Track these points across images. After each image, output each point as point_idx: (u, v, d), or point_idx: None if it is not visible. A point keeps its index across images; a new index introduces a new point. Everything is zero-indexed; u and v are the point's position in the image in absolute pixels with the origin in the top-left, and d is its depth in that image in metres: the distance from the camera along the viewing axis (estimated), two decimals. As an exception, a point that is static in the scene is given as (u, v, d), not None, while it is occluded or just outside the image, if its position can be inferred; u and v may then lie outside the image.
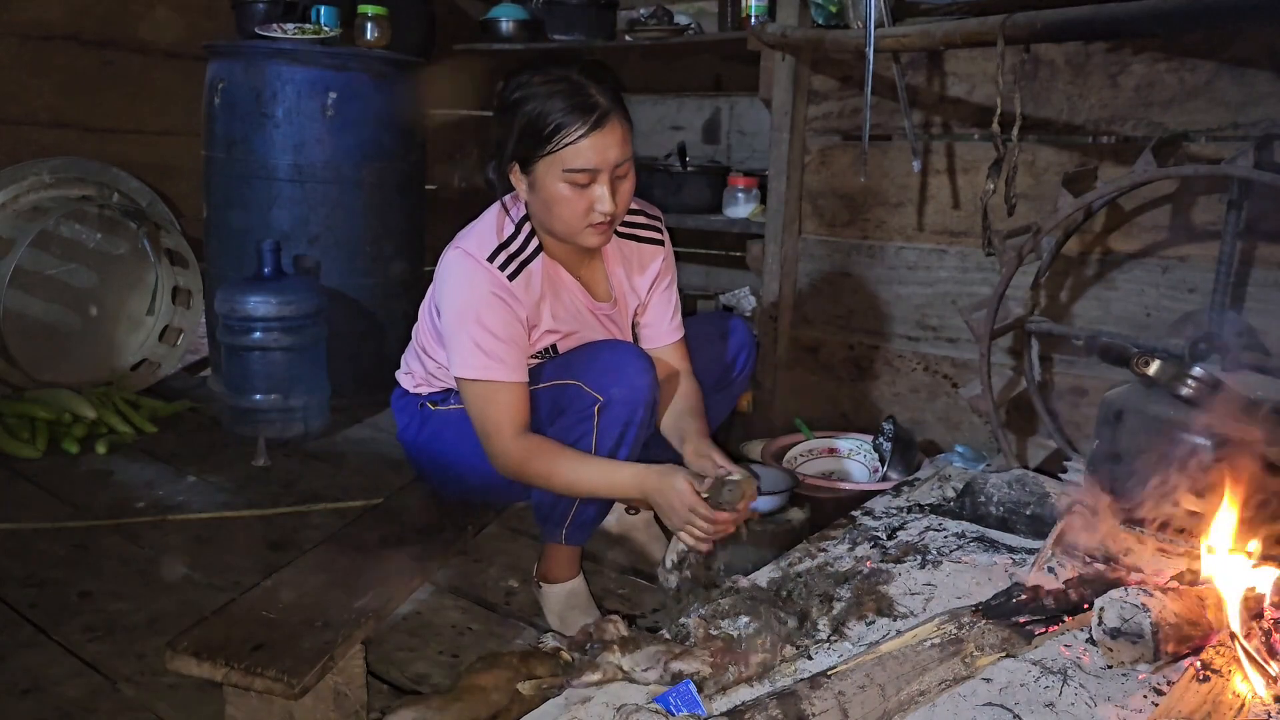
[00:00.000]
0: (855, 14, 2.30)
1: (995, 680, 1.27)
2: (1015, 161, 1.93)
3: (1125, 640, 1.27)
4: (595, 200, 1.53)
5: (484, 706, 1.37)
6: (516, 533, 2.19)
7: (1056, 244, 2.15)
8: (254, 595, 1.45)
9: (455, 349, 1.58)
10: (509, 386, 1.57)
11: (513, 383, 1.57)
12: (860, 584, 1.53)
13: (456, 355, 1.58)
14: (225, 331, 2.65)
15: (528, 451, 1.57)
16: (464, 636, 1.77)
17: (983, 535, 1.76)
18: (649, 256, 1.79)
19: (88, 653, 1.66)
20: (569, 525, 1.70)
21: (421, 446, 1.82)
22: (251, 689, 1.26)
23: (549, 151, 1.50)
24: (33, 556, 2.00)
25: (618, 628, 1.35)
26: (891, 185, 2.53)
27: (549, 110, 1.49)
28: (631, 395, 1.57)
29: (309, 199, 2.86)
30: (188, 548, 2.08)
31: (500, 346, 1.56)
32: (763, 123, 2.93)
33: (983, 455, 2.29)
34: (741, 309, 3.14)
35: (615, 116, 1.51)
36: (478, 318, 1.56)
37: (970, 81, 2.36)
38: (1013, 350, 2.32)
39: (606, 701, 1.23)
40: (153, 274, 3.15)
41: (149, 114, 3.26)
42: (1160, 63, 2.10)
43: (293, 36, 2.79)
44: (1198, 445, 1.41)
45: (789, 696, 1.15)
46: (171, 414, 2.92)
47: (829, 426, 2.64)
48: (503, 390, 1.57)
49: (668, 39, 3.05)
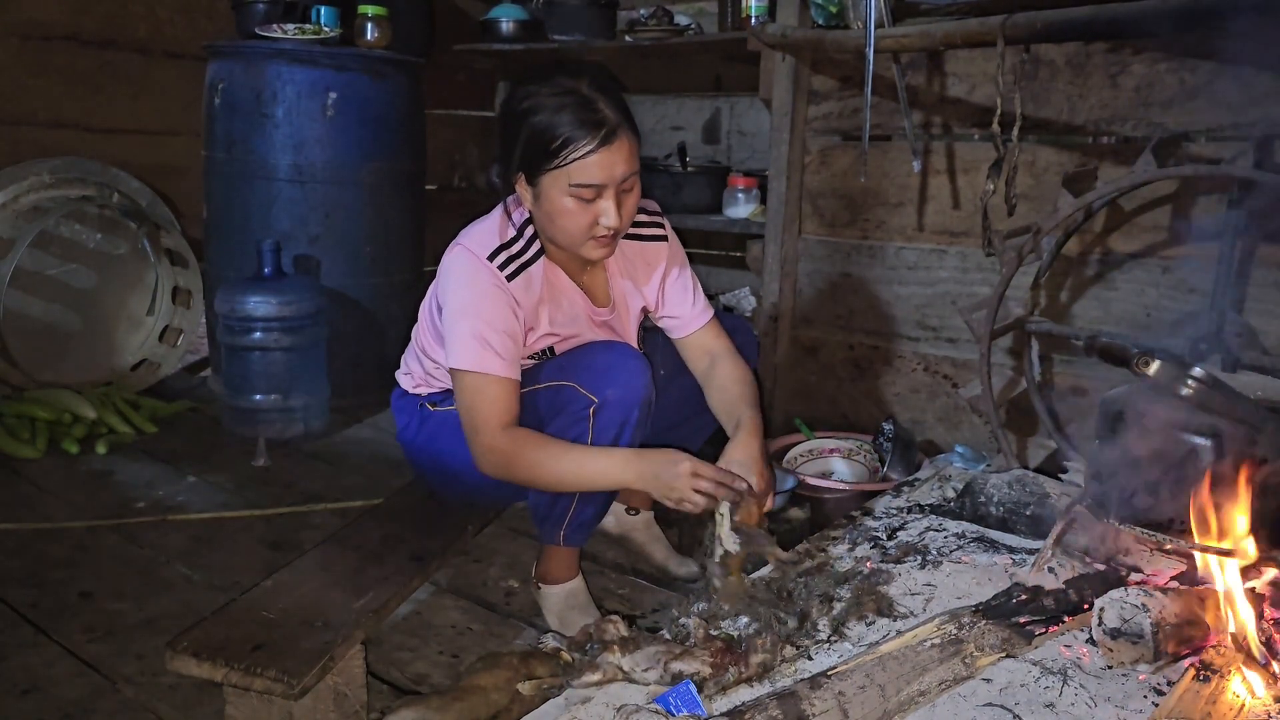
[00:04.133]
0: (855, 14, 2.30)
1: (995, 680, 1.27)
2: (1015, 161, 1.93)
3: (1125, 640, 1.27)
4: (600, 214, 1.53)
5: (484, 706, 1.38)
6: (516, 533, 2.19)
7: (1056, 244, 2.14)
8: (254, 595, 1.45)
9: (452, 340, 1.59)
10: (500, 381, 1.57)
11: (504, 378, 1.57)
12: (860, 584, 1.53)
13: (453, 346, 1.58)
14: (225, 331, 2.65)
15: (512, 444, 1.55)
16: (464, 636, 1.77)
17: (983, 535, 1.76)
18: (653, 254, 1.79)
19: (88, 653, 1.66)
20: (567, 526, 1.70)
21: (421, 447, 1.82)
22: (251, 689, 1.26)
23: (556, 165, 1.50)
24: (33, 556, 2.00)
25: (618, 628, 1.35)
26: (891, 185, 2.53)
27: (557, 124, 1.48)
28: (626, 396, 1.57)
29: (309, 199, 2.86)
30: (188, 548, 2.08)
31: (497, 339, 1.56)
32: (763, 123, 2.93)
33: (983, 455, 2.29)
34: (741, 309, 3.14)
35: (623, 132, 1.51)
36: (478, 310, 1.56)
37: (970, 81, 2.36)
38: (1013, 350, 2.32)
39: (606, 701, 1.23)
40: (153, 274, 3.15)
41: (149, 114, 3.26)
42: (1160, 63, 2.10)
43: (293, 37, 2.79)
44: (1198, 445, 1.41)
45: (789, 696, 1.15)
46: (171, 414, 2.92)
47: (829, 426, 2.64)
48: (494, 384, 1.56)
49: (668, 39, 3.05)
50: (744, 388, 1.73)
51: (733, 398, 1.72)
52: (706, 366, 1.79)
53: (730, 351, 1.79)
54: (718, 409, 1.75)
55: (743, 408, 1.68)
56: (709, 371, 1.78)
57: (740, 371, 1.77)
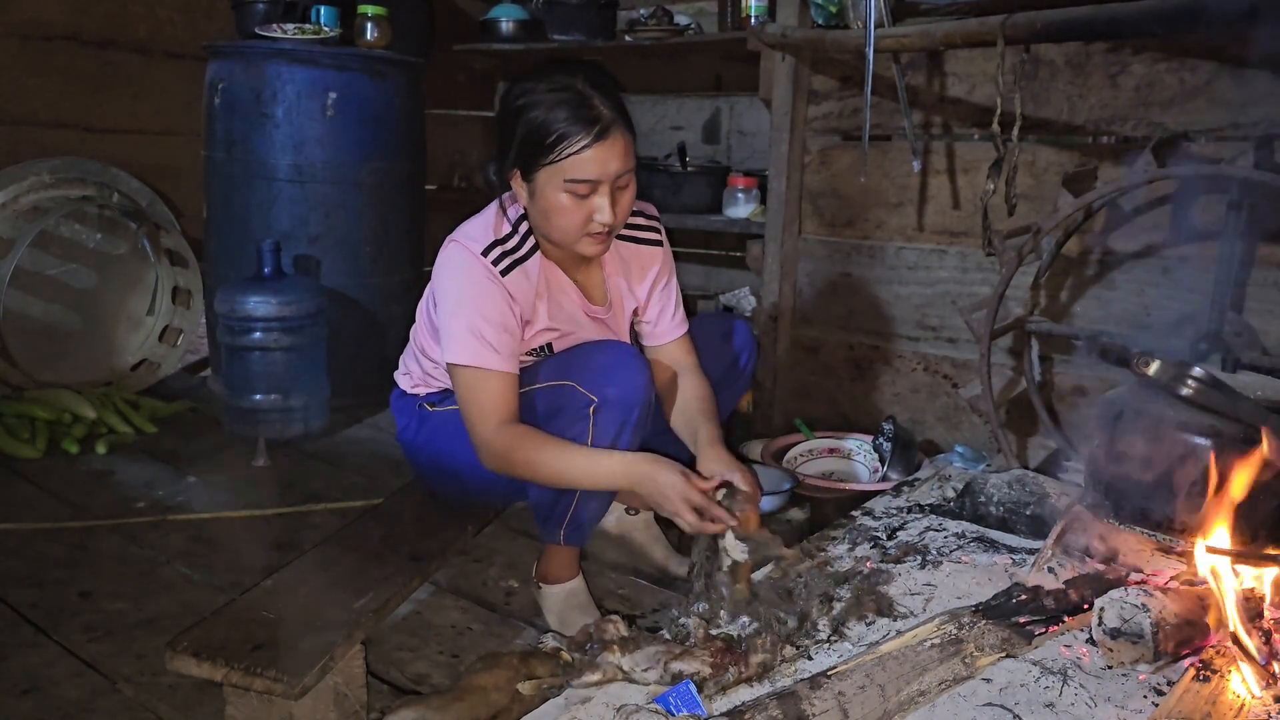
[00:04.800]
0: (855, 14, 2.30)
1: (995, 680, 1.27)
2: (1015, 161, 1.93)
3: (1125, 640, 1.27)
4: (595, 211, 1.53)
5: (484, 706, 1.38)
6: (516, 533, 2.19)
7: (1056, 244, 2.15)
8: (254, 595, 1.45)
9: (449, 335, 1.59)
10: (498, 375, 1.57)
11: (502, 372, 1.57)
12: (860, 584, 1.53)
13: (450, 341, 1.59)
14: (225, 331, 2.65)
15: (513, 439, 1.56)
16: (464, 636, 1.77)
17: (983, 535, 1.76)
18: (648, 258, 1.79)
19: (88, 653, 1.66)
20: (567, 525, 1.70)
21: (420, 447, 1.82)
22: (251, 689, 1.26)
23: (551, 161, 1.50)
24: (33, 556, 2.00)
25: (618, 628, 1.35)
26: (891, 185, 2.53)
27: (552, 120, 1.49)
28: (627, 396, 1.57)
29: (309, 199, 2.86)
30: (188, 548, 2.08)
31: (493, 333, 1.56)
32: (763, 123, 2.93)
33: (983, 455, 2.29)
34: (741, 309, 3.14)
35: (618, 128, 1.52)
36: (474, 304, 1.56)
37: (970, 81, 2.36)
38: (1013, 350, 2.32)
39: (606, 701, 1.23)
40: (153, 274, 3.15)
41: (149, 114, 3.26)
42: (1160, 63, 2.10)
43: (293, 36, 2.79)
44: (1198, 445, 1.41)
45: (789, 696, 1.15)
46: (171, 414, 2.92)
47: (829, 426, 2.64)
48: (492, 378, 1.57)
49: (668, 39, 3.05)
50: (706, 404, 1.75)
51: (694, 413, 1.73)
52: (669, 379, 1.79)
53: (696, 369, 1.81)
54: (678, 422, 1.76)
55: (701, 420, 1.70)
56: (671, 384, 1.79)
57: (705, 390, 1.78)
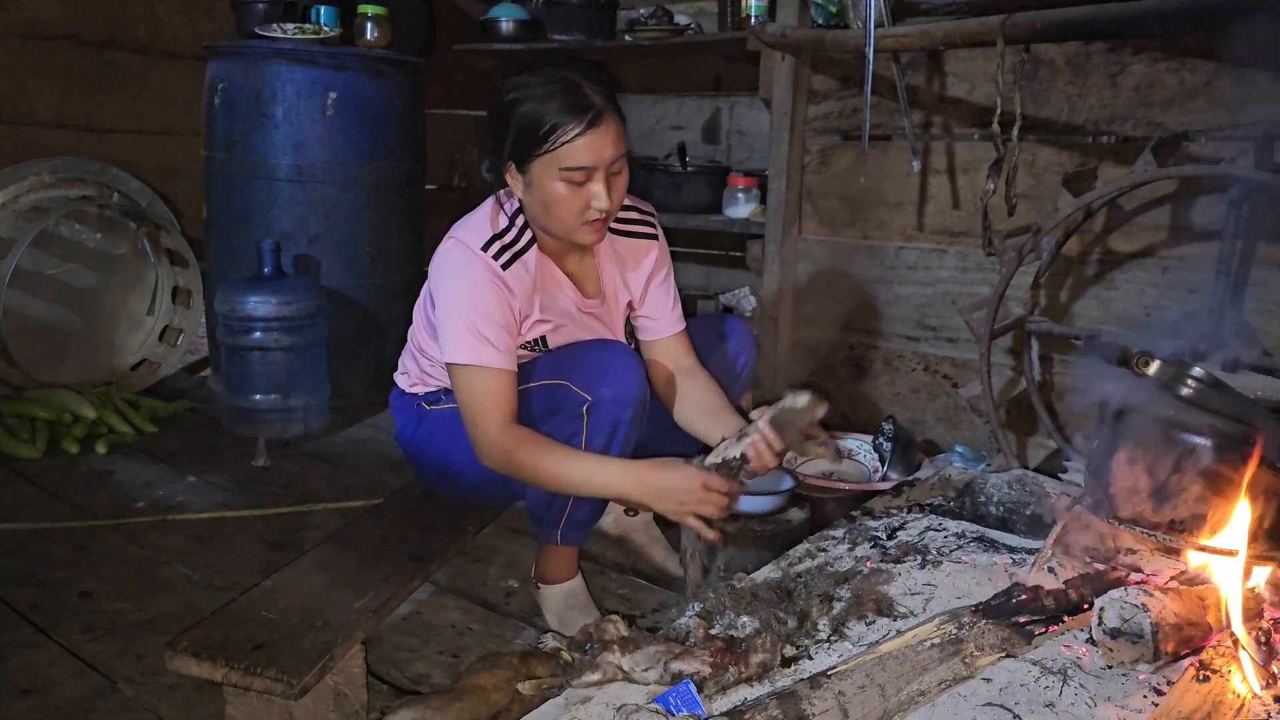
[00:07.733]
0: (855, 14, 2.30)
1: (995, 680, 1.27)
2: (1015, 161, 1.93)
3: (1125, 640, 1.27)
4: (591, 198, 1.54)
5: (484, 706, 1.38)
6: (516, 533, 2.19)
7: (1056, 244, 2.15)
8: (254, 595, 1.45)
9: (448, 334, 1.59)
10: (498, 374, 1.57)
11: (502, 370, 1.57)
12: (860, 584, 1.53)
13: (449, 340, 1.59)
14: (225, 331, 2.65)
15: (514, 441, 1.56)
16: (464, 636, 1.77)
17: (983, 535, 1.76)
18: (643, 251, 1.79)
19: (88, 653, 1.66)
20: (564, 525, 1.70)
21: (418, 446, 1.82)
22: (251, 689, 1.26)
23: (545, 151, 1.51)
24: (33, 556, 2.00)
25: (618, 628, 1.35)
26: (891, 185, 2.53)
27: (544, 110, 1.50)
28: (619, 395, 1.57)
29: (309, 199, 2.86)
30: (188, 548, 2.08)
31: (492, 331, 1.56)
32: (763, 123, 2.93)
33: (983, 455, 2.29)
34: (741, 309, 3.14)
35: (609, 115, 1.53)
36: (472, 302, 1.57)
37: (970, 81, 2.36)
38: (1013, 350, 2.33)
39: (606, 701, 1.23)
40: (153, 274, 3.15)
41: (149, 114, 3.26)
42: (1160, 63, 2.10)
43: (293, 36, 2.79)
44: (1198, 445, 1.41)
45: (789, 696, 1.15)
46: (171, 414, 2.92)
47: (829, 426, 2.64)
48: (492, 377, 1.57)
49: (667, 39, 3.05)
50: (722, 398, 1.75)
51: (715, 408, 1.72)
52: (668, 377, 1.79)
53: (698, 366, 1.81)
54: (691, 420, 1.74)
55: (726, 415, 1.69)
56: (673, 381, 1.78)
57: (714, 384, 1.78)
